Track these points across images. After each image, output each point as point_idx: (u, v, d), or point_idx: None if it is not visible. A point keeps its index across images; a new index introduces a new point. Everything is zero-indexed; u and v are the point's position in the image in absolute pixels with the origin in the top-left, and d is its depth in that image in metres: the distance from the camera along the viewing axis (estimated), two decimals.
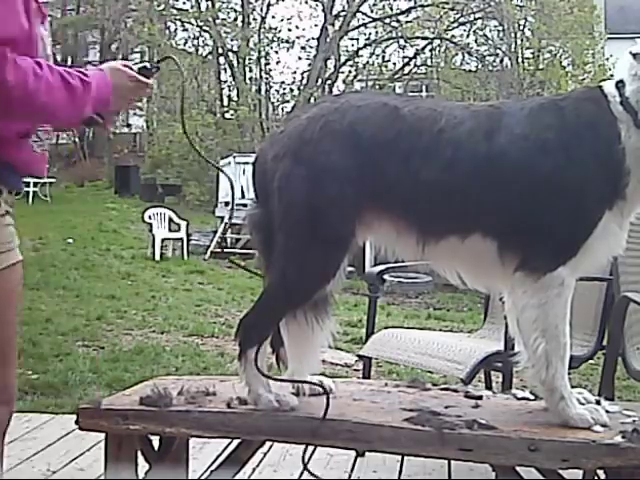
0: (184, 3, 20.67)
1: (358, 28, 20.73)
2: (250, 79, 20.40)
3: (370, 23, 20.59)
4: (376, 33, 20.59)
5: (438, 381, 4.23)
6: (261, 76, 20.63)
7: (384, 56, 20.77)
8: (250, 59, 20.25)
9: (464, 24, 19.73)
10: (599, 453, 1.80)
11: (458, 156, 1.92)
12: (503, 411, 2.06)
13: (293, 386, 2.15)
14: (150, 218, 13.08)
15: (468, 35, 19.88)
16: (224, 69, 20.72)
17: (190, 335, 6.94)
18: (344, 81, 20.55)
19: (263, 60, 20.49)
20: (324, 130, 1.94)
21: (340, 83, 20.56)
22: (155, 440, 2.16)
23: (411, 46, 20.17)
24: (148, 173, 21.21)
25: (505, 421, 1.94)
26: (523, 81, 17.69)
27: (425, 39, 19.83)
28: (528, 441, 1.83)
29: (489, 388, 3.35)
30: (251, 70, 20.47)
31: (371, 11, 20.59)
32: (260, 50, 20.22)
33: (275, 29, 20.52)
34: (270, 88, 20.96)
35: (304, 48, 20.85)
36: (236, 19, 20.52)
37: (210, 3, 20.02)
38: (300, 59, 20.99)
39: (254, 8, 20.75)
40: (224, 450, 2.91)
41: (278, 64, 20.95)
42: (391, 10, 20.29)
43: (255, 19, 20.71)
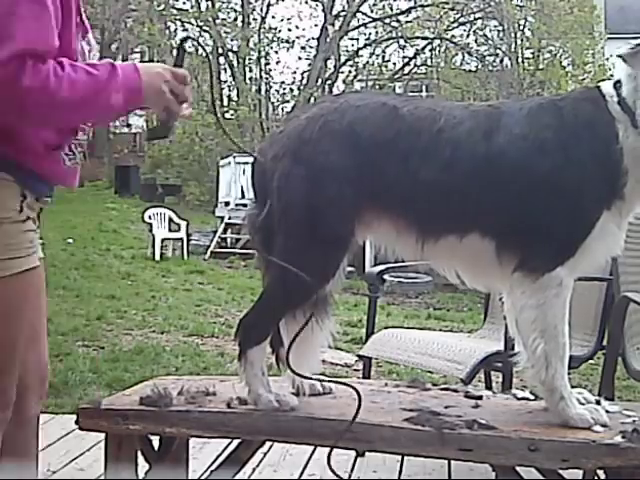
0: (184, 3, 20.69)
1: (358, 28, 20.74)
2: (250, 79, 20.42)
3: (370, 23, 20.60)
4: (376, 33, 20.61)
5: (438, 381, 4.23)
6: (261, 76, 20.65)
7: (384, 56, 20.78)
8: (250, 59, 20.27)
9: (464, 24, 19.75)
10: (599, 453, 1.80)
11: (457, 156, 1.92)
12: (503, 411, 2.05)
13: (293, 386, 2.15)
14: (150, 218, 13.10)
15: (468, 35, 19.89)
16: (224, 69, 20.72)
17: (190, 335, 6.95)
18: (344, 81, 20.56)
19: (263, 60, 20.51)
20: (323, 130, 1.94)
21: (340, 83, 20.58)
22: (155, 440, 2.16)
23: (411, 46, 20.18)
24: (148, 173, 21.23)
25: (505, 421, 1.94)
26: (523, 81, 17.69)
27: (425, 39, 19.84)
28: (528, 441, 1.82)
29: (489, 388, 3.35)
30: (251, 70, 20.49)
31: (371, 11, 20.60)
32: (260, 50, 20.24)
33: (275, 29, 20.54)
34: (270, 88, 20.99)
35: (304, 48, 20.89)
36: (236, 19, 20.54)
37: (210, 3, 20.03)
38: (300, 59, 21.03)
39: (254, 8, 20.77)
40: (224, 450, 2.91)
41: (278, 64, 20.99)
42: (391, 10, 20.31)
43: (255, 19, 20.72)
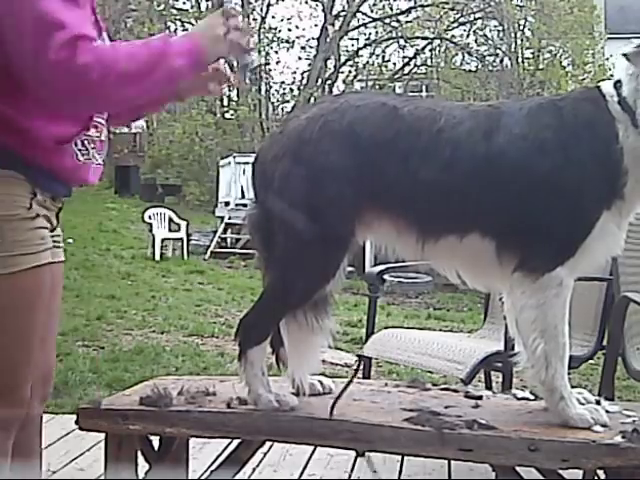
0: (184, 3, 20.70)
1: (358, 28, 20.74)
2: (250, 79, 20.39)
3: (370, 23, 20.60)
4: (376, 33, 20.61)
5: (438, 381, 4.23)
6: (261, 76, 20.63)
7: (384, 56, 20.79)
8: None
9: (464, 24, 19.75)
10: (599, 453, 1.80)
11: (457, 156, 1.92)
12: (503, 411, 2.05)
13: (293, 386, 2.15)
14: (150, 218, 13.10)
15: (468, 35, 19.90)
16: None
17: (190, 335, 6.94)
18: (344, 81, 20.57)
19: (263, 60, 20.50)
20: (323, 130, 1.94)
21: (340, 83, 20.59)
22: (155, 440, 2.16)
23: (411, 46, 20.19)
24: (148, 173, 21.22)
25: (505, 421, 1.94)
26: (523, 81, 17.70)
27: (425, 39, 19.84)
28: (528, 441, 1.82)
29: (489, 388, 3.35)
30: None
31: (371, 11, 20.61)
32: (260, 50, 20.22)
33: (275, 29, 20.56)
34: (270, 88, 20.99)
35: (304, 48, 20.90)
36: None
37: (210, 3, 20.02)
38: (300, 59, 21.05)
39: (254, 8, 20.76)
40: (224, 450, 2.91)
41: (278, 64, 20.98)
42: (391, 10, 20.31)
43: (255, 19, 20.71)
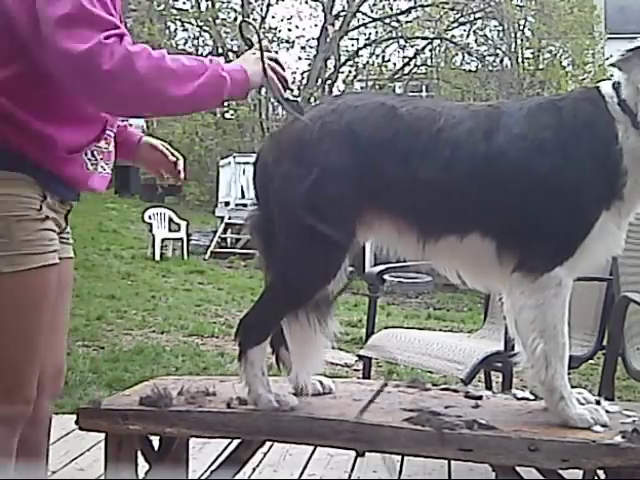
0: (184, 3, 20.67)
1: (358, 28, 20.72)
2: None
3: (370, 23, 20.59)
4: (376, 33, 20.60)
5: (438, 381, 4.23)
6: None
7: (384, 56, 20.77)
8: None
9: (464, 24, 19.74)
10: (599, 453, 1.80)
11: (457, 156, 1.92)
12: (503, 411, 2.05)
13: (296, 387, 2.15)
14: (150, 218, 13.10)
15: (468, 35, 19.89)
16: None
17: (190, 335, 6.95)
18: (344, 81, 20.55)
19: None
20: (322, 131, 1.94)
21: (340, 83, 20.57)
22: (155, 440, 2.16)
23: (411, 46, 20.17)
24: (148, 173, 21.20)
25: (505, 421, 1.94)
26: (523, 81, 17.69)
27: (425, 39, 19.83)
28: (528, 441, 1.82)
29: (489, 388, 3.35)
30: None
31: (371, 11, 20.59)
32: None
33: (275, 29, 20.53)
34: None
35: (304, 48, 20.88)
36: (236, 19, 20.52)
37: (210, 3, 20.03)
38: (300, 59, 21.03)
39: (254, 8, 20.76)
40: (224, 450, 2.91)
41: None
42: (391, 10, 20.30)
43: (255, 19, 20.70)
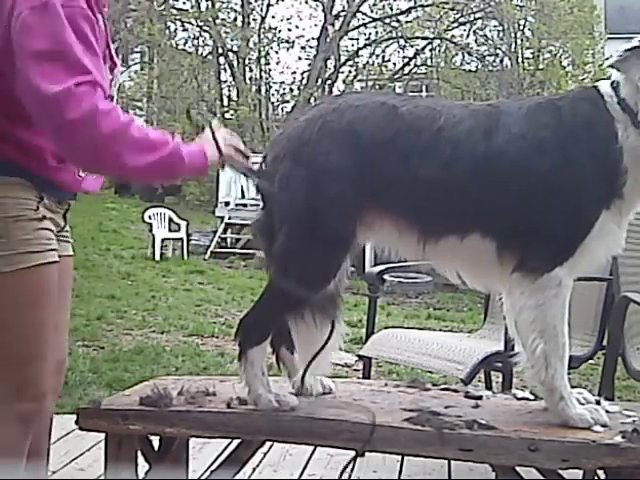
0: (184, 3, 20.64)
1: (358, 28, 20.70)
2: (250, 79, 20.40)
3: (370, 23, 20.56)
4: (376, 33, 20.57)
5: (438, 381, 4.22)
6: (261, 76, 20.62)
7: (384, 56, 20.75)
8: (250, 59, 20.24)
9: (464, 24, 19.72)
10: (599, 453, 1.80)
11: (457, 155, 1.92)
12: (503, 411, 2.06)
13: (293, 386, 2.15)
14: (150, 218, 13.09)
15: (468, 35, 19.87)
16: (224, 69, 20.71)
17: (190, 335, 6.94)
18: (344, 81, 20.53)
19: (263, 60, 20.49)
20: (323, 130, 1.94)
21: (340, 83, 20.55)
22: (155, 440, 2.16)
23: (411, 46, 20.15)
24: None
25: (505, 421, 1.94)
26: (523, 81, 17.69)
27: (425, 39, 19.82)
28: (528, 441, 1.83)
29: (489, 388, 3.35)
30: (251, 70, 20.47)
31: (371, 11, 20.57)
32: (260, 50, 20.22)
33: (275, 29, 20.51)
34: (270, 88, 20.96)
35: (304, 48, 20.84)
36: (236, 19, 20.51)
37: (210, 3, 20.00)
38: (300, 59, 20.98)
39: (254, 8, 20.73)
40: (224, 450, 2.91)
41: (278, 64, 20.95)
42: (391, 10, 20.28)
43: (255, 19, 20.69)
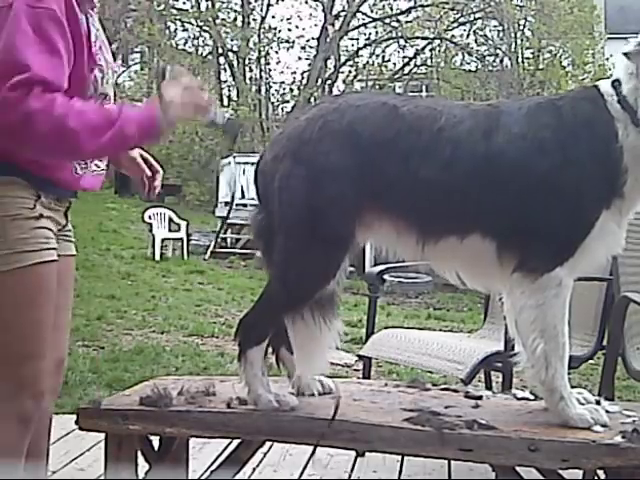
0: (184, 3, 20.64)
1: (358, 28, 20.70)
2: (250, 79, 20.41)
3: (370, 23, 20.56)
4: (376, 33, 20.57)
5: (438, 381, 4.22)
6: (261, 76, 20.62)
7: (384, 56, 20.75)
8: (250, 59, 20.24)
9: (464, 24, 19.72)
10: (599, 453, 1.80)
11: (457, 155, 1.92)
12: (503, 411, 2.05)
13: (293, 386, 2.15)
14: (150, 218, 13.10)
15: (468, 35, 19.87)
16: (224, 69, 20.72)
17: (190, 335, 6.94)
18: (344, 81, 20.53)
19: (263, 60, 20.48)
20: (323, 130, 1.94)
21: (340, 83, 20.55)
22: (155, 440, 2.16)
23: (411, 46, 20.16)
24: None
25: (505, 421, 1.94)
26: (523, 81, 17.69)
27: (425, 39, 19.82)
28: (528, 441, 1.83)
29: (489, 388, 3.35)
30: (251, 70, 20.47)
31: (371, 11, 20.57)
32: (260, 50, 20.21)
33: (275, 29, 20.50)
34: (270, 88, 20.96)
35: (304, 48, 20.84)
36: (236, 19, 20.51)
37: (210, 3, 20.00)
38: (300, 59, 20.98)
39: (254, 8, 20.73)
40: (224, 450, 2.91)
41: (278, 64, 20.95)
42: (391, 10, 20.28)
43: (255, 19, 20.69)
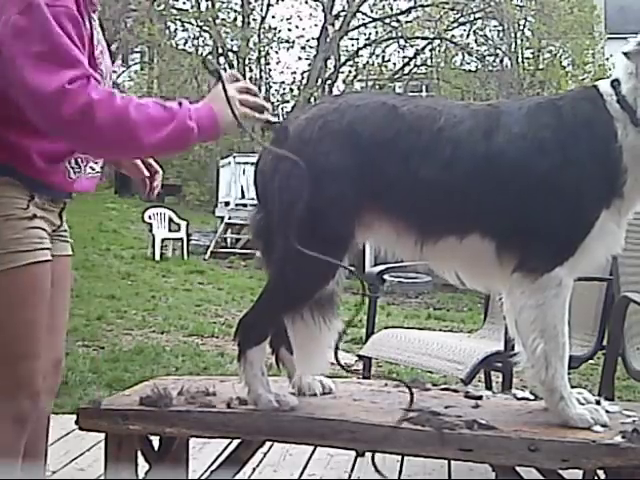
0: (184, 3, 20.67)
1: (358, 28, 20.74)
2: (250, 79, 20.40)
3: (370, 23, 20.60)
4: (376, 33, 20.61)
5: (438, 381, 4.23)
6: (261, 76, 20.64)
7: (384, 56, 20.79)
8: (250, 59, 20.26)
9: (464, 24, 19.76)
10: (599, 453, 1.80)
11: (457, 155, 1.92)
12: (503, 411, 2.05)
13: (293, 386, 2.15)
14: (150, 218, 13.10)
15: (468, 35, 19.91)
16: (224, 69, 20.71)
17: (190, 335, 6.95)
18: (344, 81, 20.56)
19: (263, 60, 20.51)
20: (323, 130, 1.94)
21: (340, 83, 20.58)
22: (155, 440, 2.16)
23: (411, 46, 20.19)
24: None
25: (505, 421, 1.94)
26: (523, 81, 17.71)
27: (425, 39, 19.84)
28: (528, 441, 1.82)
29: (489, 388, 3.35)
30: (251, 70, 20.48)
31: (371, 11, 20.61)
32: (260, 50, 20.23)
33: (275, 29, 20.54)
34: (270, 88, 20.98)
35: (304, 48, 20.88)
36: (236, 19, 20.53)
37: (210, 3, 20.03)
38: (300, 59, 21.03)
39: (254, 8, 20.76)
40: (224, 450, 2.91)
41: (278, 64, 20.99)
42: (391, 10, 20.31)
43: (255, 19, 20.72)
